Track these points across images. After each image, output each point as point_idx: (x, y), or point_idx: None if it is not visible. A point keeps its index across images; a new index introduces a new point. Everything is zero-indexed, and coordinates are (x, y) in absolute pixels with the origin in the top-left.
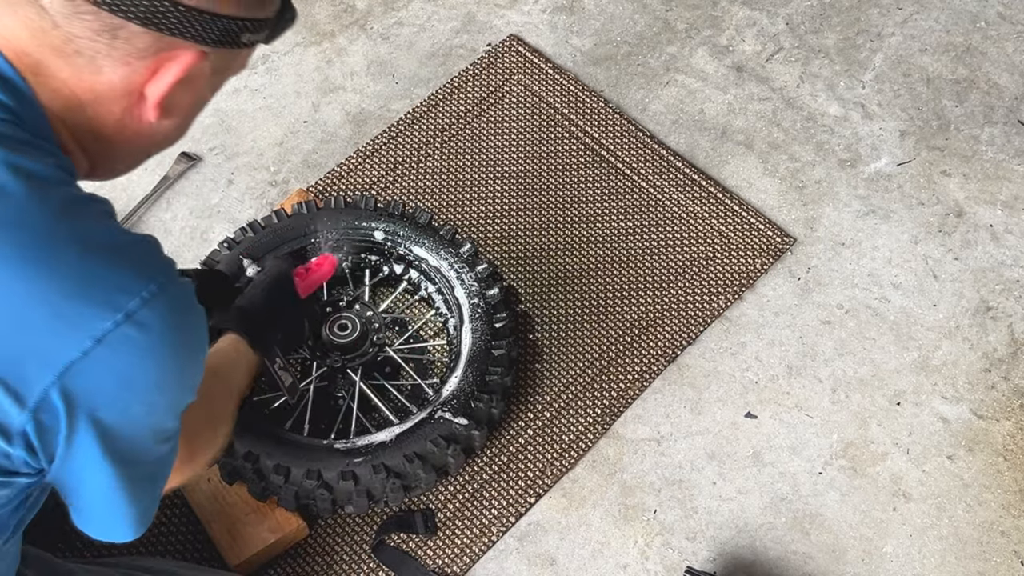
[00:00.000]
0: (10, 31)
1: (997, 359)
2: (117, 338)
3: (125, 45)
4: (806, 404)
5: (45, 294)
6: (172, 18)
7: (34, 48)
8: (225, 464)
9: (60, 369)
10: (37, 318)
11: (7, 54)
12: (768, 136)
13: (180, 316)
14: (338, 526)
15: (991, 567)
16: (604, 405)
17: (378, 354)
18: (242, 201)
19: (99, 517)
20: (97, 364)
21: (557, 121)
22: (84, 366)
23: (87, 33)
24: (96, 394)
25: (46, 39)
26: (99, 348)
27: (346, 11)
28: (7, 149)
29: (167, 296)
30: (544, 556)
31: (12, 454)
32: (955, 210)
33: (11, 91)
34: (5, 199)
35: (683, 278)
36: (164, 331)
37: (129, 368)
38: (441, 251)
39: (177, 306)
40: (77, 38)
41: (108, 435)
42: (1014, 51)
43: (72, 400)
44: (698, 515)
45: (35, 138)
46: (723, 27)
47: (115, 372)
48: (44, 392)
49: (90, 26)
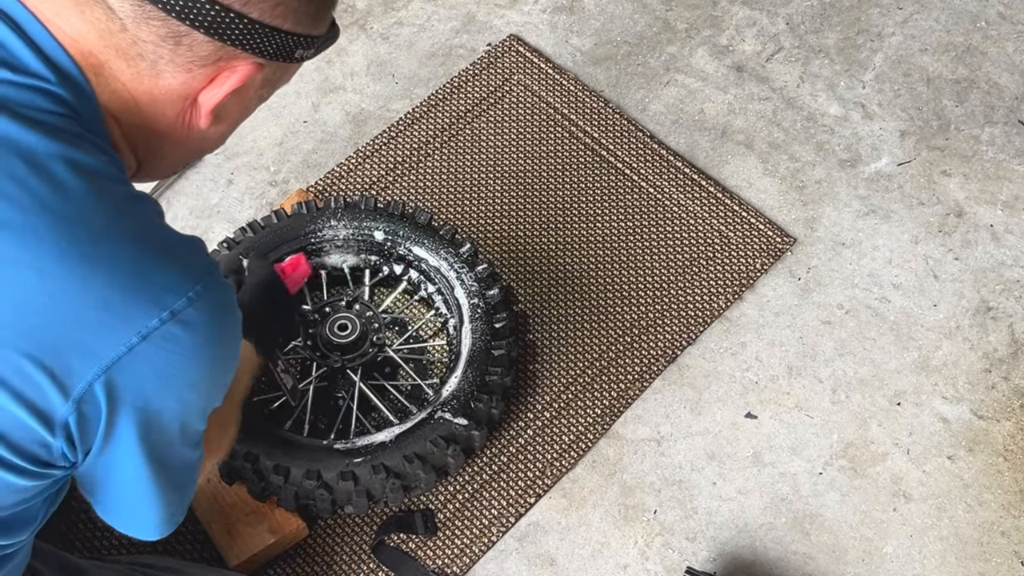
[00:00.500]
0: (77, 31)
1: (997, 359)
2: (162, 336)
3: (188, 52)
4: (806, 404)
5: (99, 290)
6: (236, 30)
7: (100, 49)
8: (225, 464)
9: (107, 363)
10: (88, 313)
11: (73, 53)
12: (768, 136)
13: (221, 317)
14: (338, 526)
15: (991, 567)
16: (604, 405)
17: (378, 354)
18: (242, 201)
19: (127, 512)
20: (141, 360)
21: (557, 121)
22: (128, 361)
23: (152, 38)
24: (137, 389)
25: (112, 41)
26: (144, 344)
27: (346, 11)
28: (65, 143)
29: (210, 297)
30: (544, 556)
31: (53, 445)
32: (955, 210)
33: (73, 88)
34: (64, 194)
35: (683, 278)
36: (206, 331)
37: (171, 366)
38: (441, 251)
39: (219, 307)
40: (142, 42)
41: (144, 430)
42: (1014, 51)
43: (114, 394)
44: (698, 515)
45: (91, 134)
46: (723, 27)
47: (157, 369)
48: (89, 384)
49: (157, 31)
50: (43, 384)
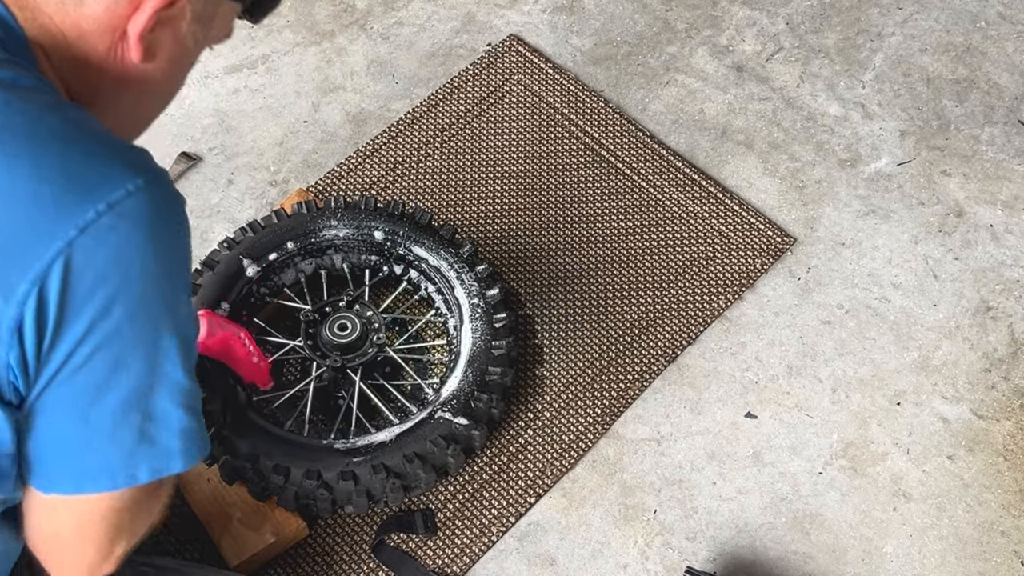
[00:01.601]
0: None
1: (997, 359)
2: (101, 228)
3: None
4: (806, 404)
5: (27, 186)
6: None
7: None
8: (225, 464)
9: (46, 261)
10: (20, 212)
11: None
12: (768, 136)
13: (166, 215)
14: (338, 526)
15: (991, 567)
16: (604, 405)
17: (378, 354)
18: (242, 201)
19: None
20: (82, 255)
21: (557, 121)
22: (70, 258)
23: None
24: (83, 291)
25: None
26: (83, 238)
27: (346, 11)
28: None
29: (153, 193)
30: (544, 556)
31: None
32: (955, 210)
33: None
34: None
35: (683, 278)
36: (150, 227)
37: (116, 261)
38: (441, 251)
39: (164, 205)
40: None
41: (97, 341)
42: (1014, 51)
43: (59, 297)
44: (698, 515)
45: (18, 60)
46: (723, 27)
47: (99, 267)
48: (31, 284)
49: None
50: None
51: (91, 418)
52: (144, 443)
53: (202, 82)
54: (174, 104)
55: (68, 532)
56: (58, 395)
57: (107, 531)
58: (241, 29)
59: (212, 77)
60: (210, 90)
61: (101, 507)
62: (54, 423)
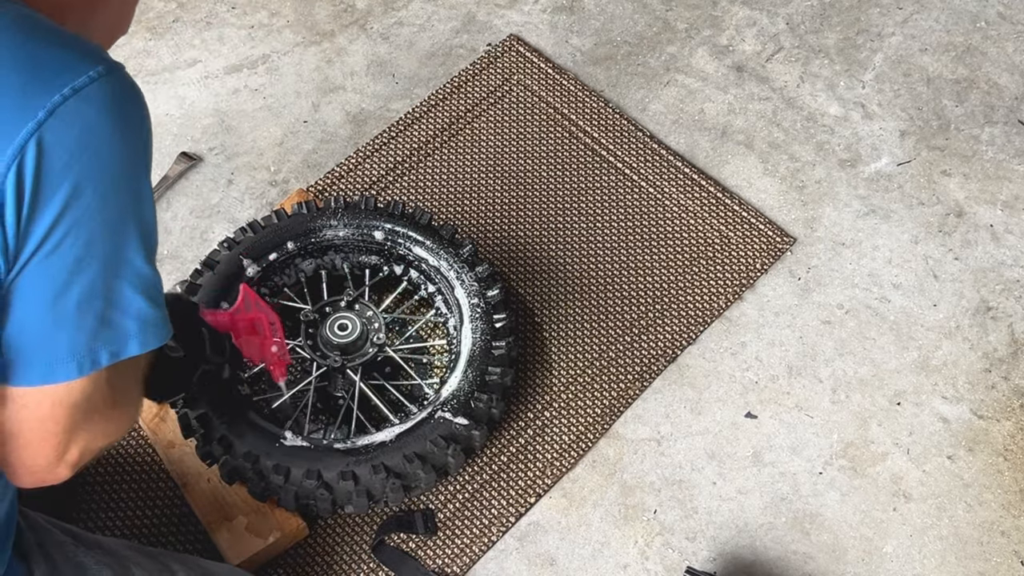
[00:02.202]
0: None
1: (997, 359)
2: (68, 111)
3: None
4: (806, 404)
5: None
6: None
7: None
8: (225, 464)
9: (19, 143)
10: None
11: None
12: (768, 136)
13: (128, 99)
14: (338, 526)
15: (991, 567)
16: (604, 405)
17: (378, 354)
18: (242, 201)
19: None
20: (52, 137)
21: (557, 121)
22: (39, 139)
23: None
24: (54, 167)
25: None
26: (52, 120)
27: (346, 11)
28: None
29: (115, 78)
30: (544, 556)
31: None
32: (955, 210)
33: None
34: None
35: (683, 278)
36: (114, 111)
37: (83, 144)
38: (441, 251)
39: (125, 90)
40: None
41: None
42: (1014, 51)
43: (33, 176)
44: (698, 515)
45: None
46: (723, 27)
47: (67, 146)
48: (5, 168)
49: None
50: None
51: (60, 303)
52: (105, 327)
53: (202, 82)
54: (174, 104)
55: (29, 430)
56: (33, 277)
57: (66, 428)
58: (240, 29)
59: (212, 77)
60: (210, 90)
61: (64, 402)
62: (27, 306)
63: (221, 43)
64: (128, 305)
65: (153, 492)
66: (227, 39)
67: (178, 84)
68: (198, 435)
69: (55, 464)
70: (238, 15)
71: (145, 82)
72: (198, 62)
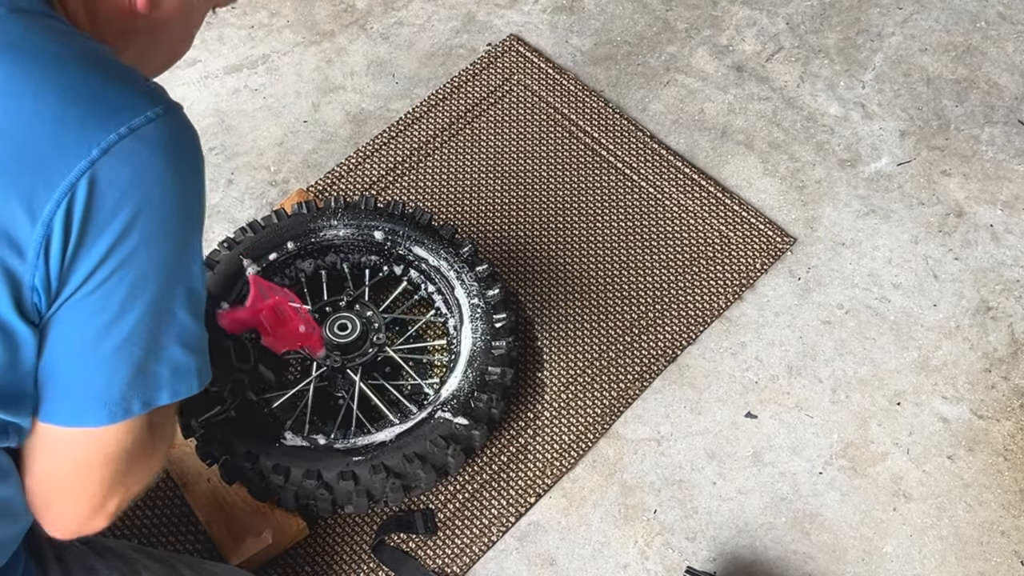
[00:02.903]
0: None
1: (997, 359)
2: (123, 150)
3: None
4: (806, 404)
5: (53, 107)
6: None
7: None
8: (225, 464)
9: (71, 180)
10: (47, 133)
11: None
12: (768, 136)
13: (184, 143)
14: (338, 526)
15: (991, 567)
16: (604, 405)
17: (378, 354)
18: (242, 201)
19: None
20: (105, 176)
21: (557, 121)
22: (93, 177)
23: None
24: (104, 207)
25: None
26: (107, 159)
27: (346, 11)
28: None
29: (172, 121)
30: (544, 556)
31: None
32: (955, 210)
33: None
34: (4, 24)
35: (683, 278)
36: (169, 152)
37: (132, 184)
38: (441, 251)
39: (182, 133)
40: None
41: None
42: (1014, 51)
43: (82, 214)
44: (698, 515)
45: None
46: (723, 27)
47: (119, 186)
48: (56, 204)
49: None
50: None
51: (98, 345)
52: (140, 375)
53: (202, 82)
54: None
55: (65, 476)
56: (72, 314)
57: (103, 479)
58: (240, 29)
59: (212, 77)
60: (210, 90)
61: (99, 450)
62: (63, 343)
63: (221, 43)
64: (166, 355)
65: (153, 492)
66: (227, 39)
67: (178, 84)
68: (198, 435)
69: (92, 515)
70: (238, 15)
71: None
72: (198, 62)
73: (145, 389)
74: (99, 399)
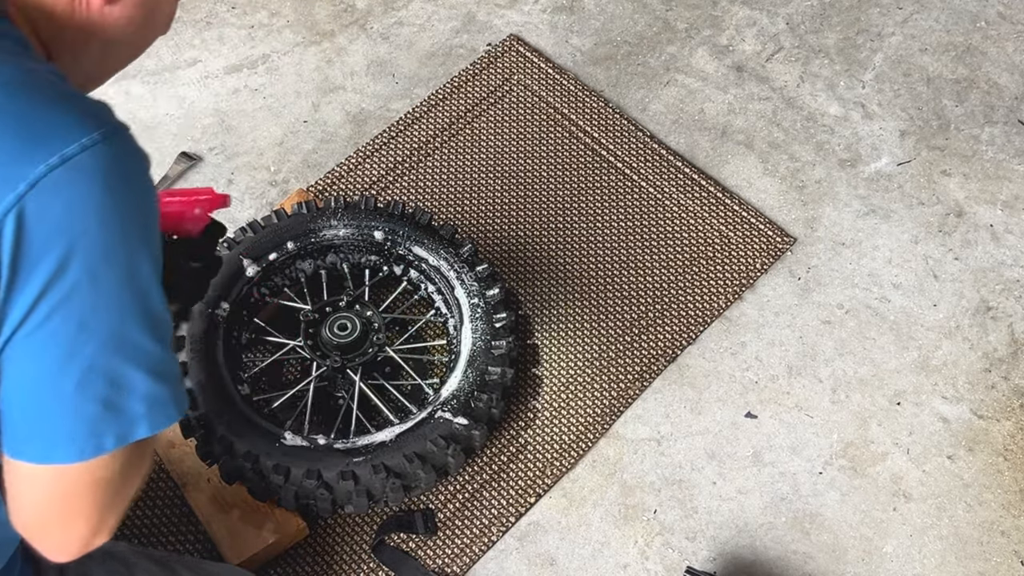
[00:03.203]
0: None
1: (997, 359)
2: (53, 182)
3: None
4: (806, 404)
5: None
6: None
7: None
8: (225, 464)
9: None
10: None
11: None
12: (768, 136)
13: (126, 167)
14: (338, 526)
15: (991, 567)
16: (604, 405)
17: (378, 354)
18: (242, 201)
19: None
20: (33, 209)
21: (557, 121)
22: (19, 212)
23: None
24: (33, 244)
25: None
26: (34, 192)
27: (346, 11)
28: None
29: (113, 145)
30: (544, 556)
31: None
32: (955, 210)
33: None
34: None
35: (683, 278)
36: (107, 177)
37: (64, 218)
38: (441, 251)
39: (125, 157)
40: None
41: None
42: (1014, 51)
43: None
44: (698, 515)
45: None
46: (723, 27)
47: (50, 221)
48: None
49: None
50: None
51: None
52: (109, 411)
53: (202, 82)
54: (174, 104)
55: (54, 507)
56: (20, 352)
57: (96, 502)
58: (240, 29)
59: (212, 77)
60: (210, 90)
61: (85, 477)
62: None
63: (221, 43)
64: (134, 387)
65: (153, 492)
66: (227, 39)
67: (178, 84)
68: (198, 435)
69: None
70: (238, 15)
71: (145, 82)
72: (198, 62)
73: (117, 424)
74: (68, 436)
